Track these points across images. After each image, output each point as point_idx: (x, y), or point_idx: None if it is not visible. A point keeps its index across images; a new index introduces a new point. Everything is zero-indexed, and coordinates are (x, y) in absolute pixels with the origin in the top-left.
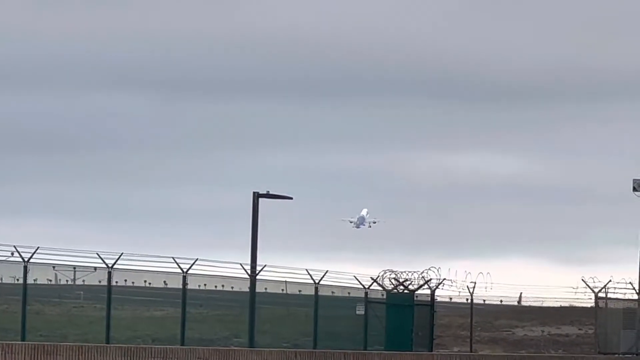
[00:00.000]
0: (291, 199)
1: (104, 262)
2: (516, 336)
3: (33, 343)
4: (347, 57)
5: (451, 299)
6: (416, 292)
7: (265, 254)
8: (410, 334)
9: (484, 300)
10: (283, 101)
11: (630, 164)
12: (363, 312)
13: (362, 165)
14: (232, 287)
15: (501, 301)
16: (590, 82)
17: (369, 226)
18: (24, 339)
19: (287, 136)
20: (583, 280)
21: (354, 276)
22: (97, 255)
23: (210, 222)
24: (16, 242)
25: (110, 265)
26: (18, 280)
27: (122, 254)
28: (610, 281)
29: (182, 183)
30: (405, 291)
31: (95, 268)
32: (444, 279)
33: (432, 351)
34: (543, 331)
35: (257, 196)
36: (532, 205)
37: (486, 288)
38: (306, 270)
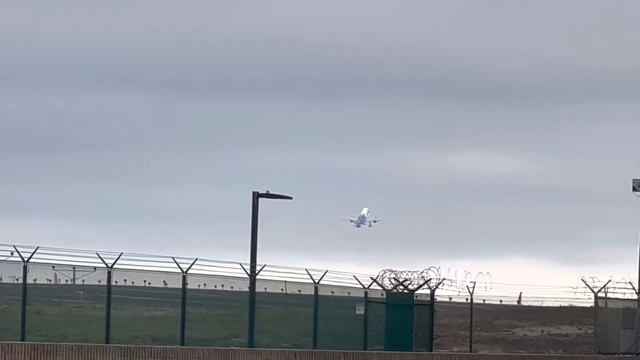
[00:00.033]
0: (291, 198)
1: (104, 262)
2: (516, 336)
3: (33, 343)
4: (347, 57)
5: (451, 298)
6: (416, 292)
7: (265, 254)
8: (410, 333)
9: (484, 300)
10: (283, 101)
11: (630, 164)
12: (363, 312)
13: (362, 165)
14: (232, 287)
15: (501, 301)
16: (590, 82)
17: (369, 225)
18: (23, 339)
19: (287, 136)
20: (583, 280)
21: (354, 276)
22: (96, 255)
23: (210, 222)
24: (16, 242)
25: (110, 265)
26: (18, 280)
27: (122, 253)
28: (610, 281)
29: (182, 183)
30: (405, 291)
31: (95, 268)
32: (444, 278)
33: (431, 351)
34: (543, 331)
35: (256, 196)
36: (532, 205)
37: (486, 288)
38: (306, 270)
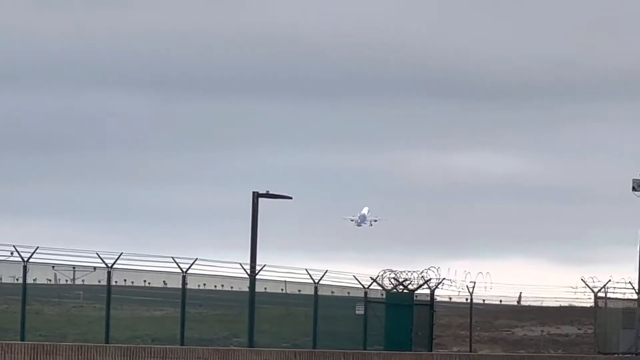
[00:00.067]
0: (291, 198)
1: (104, 262)
2: (516, 336)
3: (32, 343)
4: (347, 57)
5: (451, 298)
6: (416, 292)
7: (264, 254)
8: (410, 333)
9: (484, 300)
10: (283, 101)
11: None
12: (362, 312)
13: (362, 165)
14: (232, 287)
15: (501, 301)
16: (590, 82)
17: (370, 224)
18: (23, 339)
19: (287, 136)
20: (582, 280)
21: (354, 276)
22: (96, 255)
23: (210, 222)
24: (16, 242)
25: (110, 265)
26: (17, 280)
27: (122, 253)
28: (610, 281)
29: (182, 183)
30: (405, 291)
31: (95, 268)
32: (444, 278)
33: (431, 351)
34: (542, 331)
35: (256, 196)
36: (532, 205)
37: (486, 288)
38: (306, 270)
